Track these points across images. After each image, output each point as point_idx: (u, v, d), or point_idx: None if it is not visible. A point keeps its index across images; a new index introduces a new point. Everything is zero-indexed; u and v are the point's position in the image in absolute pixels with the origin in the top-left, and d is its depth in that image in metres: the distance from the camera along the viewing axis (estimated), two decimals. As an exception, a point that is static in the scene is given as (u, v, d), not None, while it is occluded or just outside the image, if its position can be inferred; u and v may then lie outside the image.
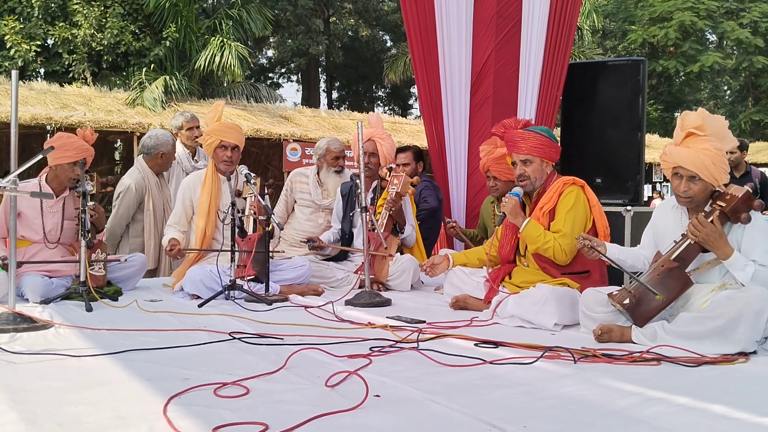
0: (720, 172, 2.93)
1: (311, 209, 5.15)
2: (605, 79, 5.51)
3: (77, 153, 4.04)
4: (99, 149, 15.02)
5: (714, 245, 2.88)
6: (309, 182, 5.16)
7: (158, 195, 5.13)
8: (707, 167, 2.91)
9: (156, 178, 5.16)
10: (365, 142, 4.62)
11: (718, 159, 2.91)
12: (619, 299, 3.03)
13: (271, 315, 3.61)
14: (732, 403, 2.08)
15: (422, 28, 5.51)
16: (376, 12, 30.29)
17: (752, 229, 2.91)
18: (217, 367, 2.48)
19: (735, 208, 2.89)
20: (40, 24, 16.10)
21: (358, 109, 24.52)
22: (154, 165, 5.14)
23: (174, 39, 16.61)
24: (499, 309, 3.53)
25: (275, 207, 5.22)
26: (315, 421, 1.89)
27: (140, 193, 5.06)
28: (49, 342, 2.90)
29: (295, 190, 5.20)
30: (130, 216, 5.08)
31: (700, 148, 2.93)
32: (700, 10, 26.20)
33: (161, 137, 5.13)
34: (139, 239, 5.11)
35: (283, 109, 18.01)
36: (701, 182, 2.95)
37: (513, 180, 4.01)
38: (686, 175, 2.96)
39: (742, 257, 2.87)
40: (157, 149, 5.09)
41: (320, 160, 5.19)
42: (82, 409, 1.99)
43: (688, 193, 2.99)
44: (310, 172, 5.24)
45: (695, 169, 2.92)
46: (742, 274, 2.84)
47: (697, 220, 2.90)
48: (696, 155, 2.92)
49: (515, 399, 2.15)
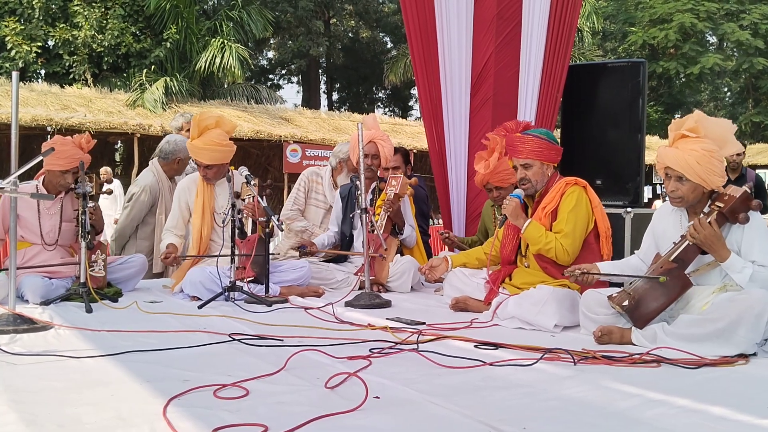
0: (708, 174, 2.93)
1: (323, 211, 5.15)
2: (605, 81, 5.51)
3: (68, 162, 4.01)
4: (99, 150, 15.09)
5: (712, 248, 2.89)
6: (323, 183, 5.17)
7: (170, 199, 5.13)
8: (692, 167, 2.93)
9: (169, 183, 5.19)
10: (367, 144, 4.62)
11: (705, 160, 2.92)
12: (618, 301, 3.03)
13: (270, 316, 3.61)
14: (732, 405, 2.08)
15: (422, 30, 5.51)
16: (377, 13, 30.32)
17: (751, 230, 2.92)
18: (217, 369, 2.48)
19: (733, 209, 2.90)
20: (40, 25, 16.13)
21: (358, 111, 24.51)
22: (169, 169, 5.17)
23: (174, 40, 16.64)
24: (500, 310, 3.53)
25: (290, 206, 5.22)
26: (315, 422, 1.89)
27: (154, 195, 5.09)
28: (49, 343, 2.89)
29: (311, 189, 5.20)
30: (141, 218, 5.09)
31: (687, 149, 2.97)
32: (701, 11, 26.21)
33: (179, 143, 5.15)
34: (147, 242, 5.12)
35: (283, 110, 18.03)
36: (689, 183, 2.97)
37: (514, 183, 3.99)
38: (674, 175, 3.01)
39: (739, 260, 2.87)
40: (174, 155, 5.13)
41: (340, 164, 5.18)
42: (82, 410, 1.99)
43: (676, 193, 3.02)
44: (325, 173, 5.24)
45: (680, 169, 2.96)
46: (740, 276, 2.85)
47: (699, 222, 2.90)
48: (681, 156, 2.96)
49: (515, 401, 2.15)
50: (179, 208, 4.53)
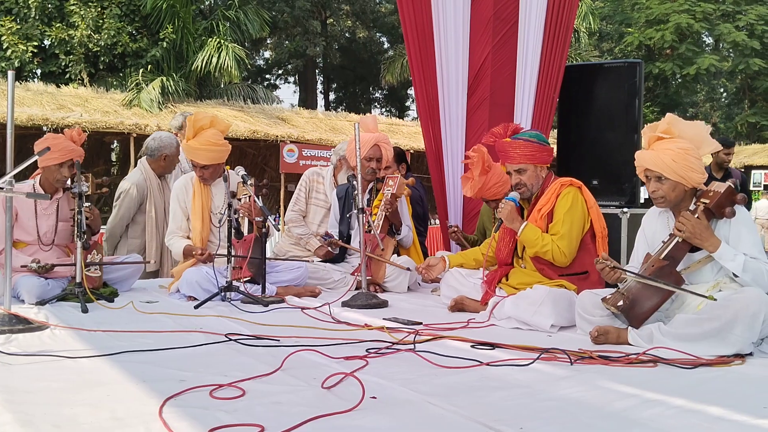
0: (685, 170, 2.98)
1: (325, 210, 5.15)
2: (602, 82, 5.52)
3: (62, 154, 4.00)
4: (95, 150, 15.07)
5: (701, 238, 2.91)
6: (325, 183, 5.16)
7: (159, 197, 5.11)
8: (669, 165, 2.98)
9: (158, 180, 5.14)
10: (371, 147, 4.66)
11: (680, 157, 2.97)
12: (612, 302, 3.03)
13: (267, 316, 3.61)
14: (729, 405, 2.08)
15: (419, 30, 5.51)
16: (374, 13, 30.33)
17: (738, 224, 2.96)
18: (213, 369, 2.47)
19: (719, 204, 2.93)
20: (36, 25, 16.09)
21: (355, 111, 24.53)
22: (157, 167, 5.13)
23: (171, 40, 16.61)
24: (496, 310, 3.53)
25: (293, 207, 5.21)
26: (311, 422, 1.89)
27: (141, 194, 5.05)
28: (45, 343, 2.88)
29: (312, 189, 5.19)
30: (130, 217, 5.06)
31: (662, 148, 3.02)
32: (697, 12, 26.24)
33: (165, 139, 5.12)
34: (138, 240, 5.09)
35: (280, 110, 18.03)
36: (668, 181, 3.02)
37: (507, 191, 3.99)
38: (653, 176, 3.06)
39: (730, 248, 2.90)
40: (160, 151, 5.09)
41: (340, 162, 5.18)
42: (78, 411, 1.98)
43: (657, 193, 3.06)
44: (326, 173, 5.23)
45: (657, 168, 3.01)
46: (734, 264, 2.87)
47: (683, 215, 2.94)
48: (657, 155, 3.02)
49: (513, 401, 2.15)
50: (180, 208, 4.50)
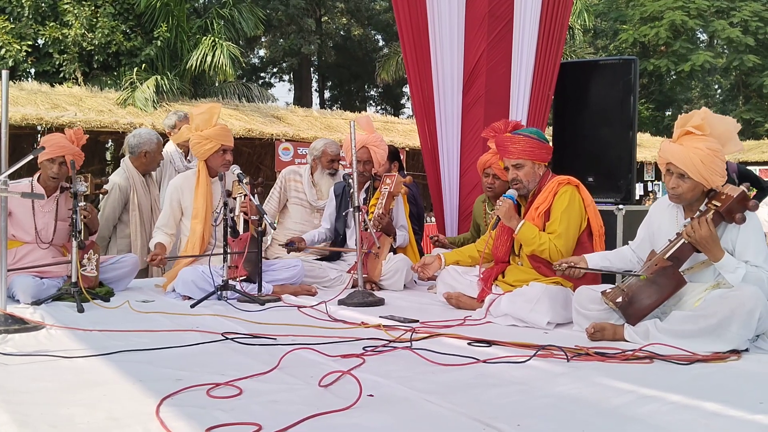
0: (710, 173, 2.90)
1: (306, 210, 5.13)
2: (597, 79, 5.52)
3: (53, 150, 3.98)
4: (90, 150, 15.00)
5: (706, 247, 2.87)
6: (303, 182, 5.14)
7: (144, 195, 5.07)
8: (696, 166, 2.89)
9: (141, 178, 5.09)
10: (359, 149, 4.62)
11: (709, 159, 2.88)
12: (612, 297, 3.04)
13: (263, 315, 3.61)
14: (725, 400, 2.09)
15: (414, 28, 5.51)
16: (368, 11, 30.28)
17: (746, 230, 2.91)
18: (209, 368, 2.47)
19: (730, 209, 2.87)
20: (30, 24, 16.01)
21: (350, 109, 24.50)
22: (139, 164, 5.08)
23: (165, 38, 16.55)
24: (493, 308, 3.53)
25: (264, 205, 5.19)
26: (308, 421, 1.88)
27: (125, 193, 5.00)
28: (41, 343, 2.88)
29: (290, 188, 5.17)
30: (116, 217, 5.03)
31: (692, 146, 2.92)
32: (691, 9, 26.29)
33: (144, 135, 5.08)
34: (127, 240, 5.06)
35: (275, 108, 17.97)
36: (690, 181, 2.94)
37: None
38: (676, 172, 2.97)
39: (733, 260, 2.86)
40: (140, 148, 5.03)
41: (315, 161, 5.17)
42: (75, 411, 1.98)
43: (676, 190, 2.99)
44: (304, 171, 5.22)
45: (683, 166, 2.92)
46: (733, 276, 2.84)
47: (696, 222, 2.89)
48: (686, 153, 2.91)
49: (509, 398, 2.15)
50: (171, 206, 4.49)
